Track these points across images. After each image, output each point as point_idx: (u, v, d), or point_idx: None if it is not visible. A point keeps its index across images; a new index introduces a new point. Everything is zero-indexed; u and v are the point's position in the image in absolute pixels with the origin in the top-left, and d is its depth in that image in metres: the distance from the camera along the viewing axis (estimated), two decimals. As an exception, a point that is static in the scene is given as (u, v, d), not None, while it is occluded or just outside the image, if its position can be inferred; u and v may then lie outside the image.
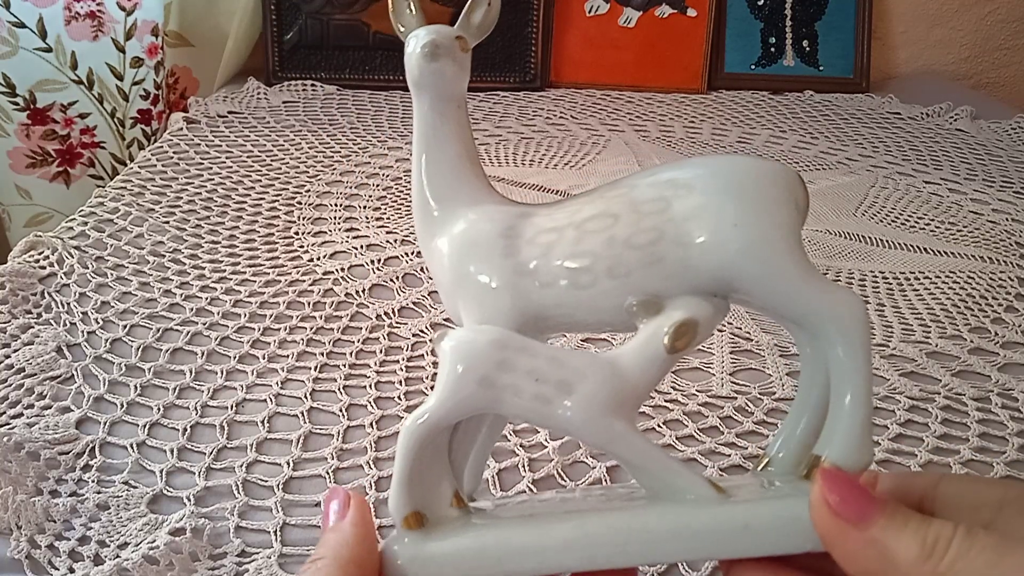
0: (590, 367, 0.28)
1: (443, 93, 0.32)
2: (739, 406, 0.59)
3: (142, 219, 0.83)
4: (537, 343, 0.28)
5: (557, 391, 0.27)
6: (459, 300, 0.31)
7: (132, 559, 0.44)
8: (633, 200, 0.29)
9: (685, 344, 0.28)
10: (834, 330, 0.28)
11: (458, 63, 0.32)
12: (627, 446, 0.28)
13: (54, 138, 1.20)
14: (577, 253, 0.29)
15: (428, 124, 0.32)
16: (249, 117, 1.14)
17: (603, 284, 0.29)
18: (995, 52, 1.53)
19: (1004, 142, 1.16)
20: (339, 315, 0.68)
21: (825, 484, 0.25)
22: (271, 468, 0.52)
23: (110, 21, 1.17)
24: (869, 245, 0.85)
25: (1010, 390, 0.62)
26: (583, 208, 0.30)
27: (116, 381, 0.59)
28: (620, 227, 0.29)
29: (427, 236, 0.32)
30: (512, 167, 1.02)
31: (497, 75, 1.32)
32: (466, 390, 0.27)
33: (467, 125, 0.33)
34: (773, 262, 0.28)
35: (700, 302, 0.28)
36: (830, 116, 1.26)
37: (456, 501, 0.29)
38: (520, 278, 0.29)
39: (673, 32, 1.34)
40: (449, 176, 0.32)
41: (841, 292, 0.28)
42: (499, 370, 0.27)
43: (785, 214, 0.28)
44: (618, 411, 0.27)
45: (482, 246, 0.30)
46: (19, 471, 0.50)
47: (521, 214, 0.31)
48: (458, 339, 0.28)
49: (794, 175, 0.30)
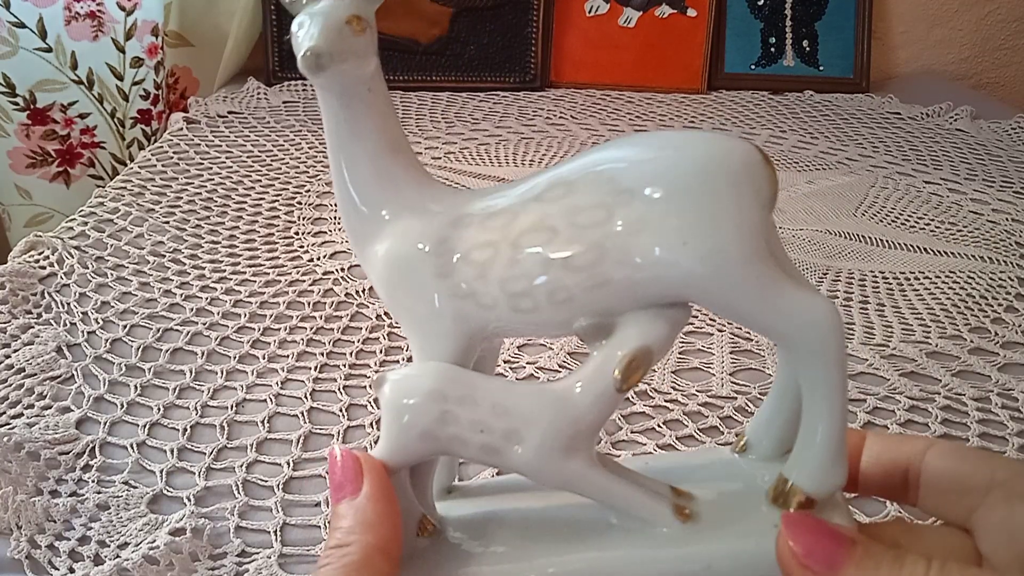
0: (538, 411, 0.26)
1: (345, 87, 0.28)
2: (739, 406, 0.59)
3: (142, 219, 0.83)
4: (481, 387, 0.27)
5: (504, 441, 0.26)
6: (398, 318, 0.29)
7: (132, 559, 0.44)
8: (571, 207, 0.26)
9: (637, 379, 0.26)
10: (802, 348, 0.25)
11: (356, 52, 0.27)
12: (585, 485, 0.27)
13: (54, 138, 1.19)
14: (514, 276, 0.26)
15: (337, 119, 0.29)
16: (249, 117, 1.14)
17: (545, 309, 0.26)
18: (995, 52, 1.53)
19: (1004, 142, 1.16)
20: (339, 315, 0.68)
21: (790, 533, 0.25)
22: (271, 468, 0.52)
23: (110, 21, 1.17)
24: (869, 245, 0.85)
25: (1010, 390, 0.62)
26: (519, 215, 0.27)
27: (116, 381, 0.59)
28: (557, 245, 0.26)
29: (359, 244, 0.29)
30: (512, 167, 1.02)
31: (497, 75, 1.32)
32: (409, 444, 0.27)
33: (384, 108, 0.29)
34: (729, 279, 0.25)
35: (654, 321, 0.26)
36: (830, 116, 1.26)
37: (422, 528, 0.28)
38: (457, 300, 0.27)
39: (673, 32, 1.34)
40: (369, 173, 0.29)
41: (810, 305, 0.25)
42: (440, 424, 0.26)
43: (744, 216, 0.25)
44: (571, 452, 0.26)
45: (414, 269, 0.28)
46: (19, 471, 0.50)
47: (452, 222, 0.28)
48: (394, 391, 0.27)
49: (755, 158, 0.25)
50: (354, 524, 0.25)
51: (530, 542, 0.28)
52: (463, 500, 0.31)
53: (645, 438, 0.56)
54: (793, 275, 0.26)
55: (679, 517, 0.27)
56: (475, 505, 0.31)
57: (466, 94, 1.29)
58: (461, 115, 1.20)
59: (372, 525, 0.25)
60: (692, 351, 0.65)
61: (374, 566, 0.25)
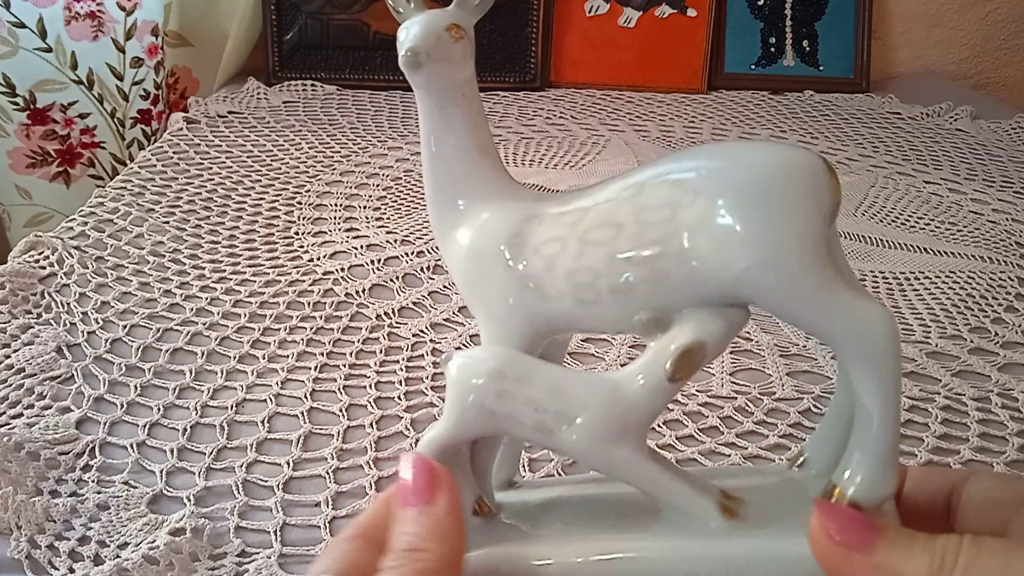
0: (591, 396, 0.27)
1: (442, 89, 0.30)
2: (739, 406, 0.59)
3: (142, 219, 0.83)
4: (540, 370, 0.28)
5: (557, 421, 0.27)
6: (472, 304, 0.31)
7: (132, 559, 0.44)
8: (638, 206, 0.27)
9: (688, 373, 0.26)
10: (857, 354, 0.26)
11: (454, 54, 0.30)
12: (632, 473, 0.28)
13: (54, 138, 1.19)
14: (579, 268, 0.28)
15: (432, 118, 0.31)
16: (249, 117, 1.14)
17: (606, 301, 0.28)
18: (995, 52, 1.53)
19: (1004, 142, 1.16)
20: (339, 315, 0.68)
21: (823, 515, 0.25)
22: (271, 468, 0.52)
23: (110, 21, 1.17)
24: (869, 245, 0.85)
25: (1010, 390, 0.62)
26: (588, 212, 0.28)
27: (116, 381, 0.59)
28: (622, 240, 0.27)
29: (442, 232, 0.32)
30: (512, 167, 1.02)
31: (497, 75, 1.31)
32: (468, 418, 0.28)
33: (477, 114, 0.31)
34: (785, 280, 0.25)
35: (711, 319, 0.27)
36: (830, 116, 1.26)
37: (479, 508, 0.29)
38: (526, 290, 0.29)
39: (673, 32, 1.34)
40: (460, 170, 0.31)
41: (868, 312, 0.25)
42: (498, 400, 0.27)
43: (801, 222, 0.25)
44: (621, 439, 0.27)
45: (489, 262, 0.29)
46: (19, 471, 0.50)
47: (528, 217, 0.29)
48: (460, 367, 0.28)
49: (819, 168, 0.26)
50: (428, 533, 0.25)
51: (575, 528, 0.29)
52: (521, 491, 0.32)
53: (645, 438, 0.56)
54: (852, 284, 0.26)
55: (724, 514, 0.28)
56: (532, 495, 0.32)
57: (466, 94, 1.29)
58: (461, 115, 1.20)
59: (448, 539, 0.25)
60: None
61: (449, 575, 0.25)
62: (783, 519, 0.27)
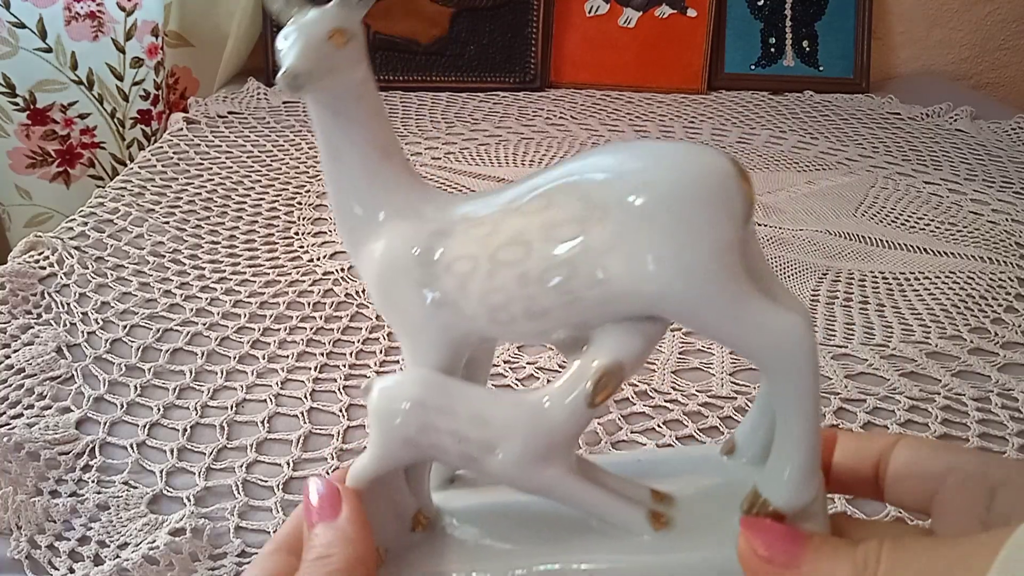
0: (515, 422, 0.27)
1: (333, 98, 0.28)
2: (739, 406, 0.59)
3: (142, 219, 0.83)
4: (460, 397, 0.27)
5: (481, 451, 0.27)
6: (388, 321, 0.30)
7: (132, 559, 0.44)
8: (547, 221, 0.26)
9: (608, 395, 0.26)
10: (773, 366, 0.26)
11: (340, 63, 0.28)
12: (560, 494, 0.28)
13: (54, 138, 1.19)
14: (491, 290, 0.27)
15: (326, 126, 0.29)
16: (249, 117, 1.14)
17: (521, 322, 0.27)
18: (995, 52, 1.53)
19: (1004, 142, 1.16)
20: (339, 315, 0.68)
21: (749, 533, 0.25)
22: (271, 468, 0.52)
23: (110, 21, 1.17)
24: (869, 245, 0.85)
25: (1010, 390, 0.62)
26: (499, 226, 0.27)
27: (116, 381, 0.59)
28: (533, 261, 0.26)
29: (353, 246, 0.30)
30: (512, 167, 1.02)
31: (497, 75, 1.32)
32: (393, 450, 0.28)
33: (375, 114, 0.29)
34: (699, 298, 0.25)
35: (628, 337, 0.26)
36: (830, 116, 1.26)
37: (416, 523, 0.30)
38: (441, 309, 0.28)
39: (673, 32, 1.34)
40: (360, 176, 0.29)
41: (782, 321, 0.25)
42: (421, 433, 0.27)
43: (713, 237, 0.24)
44: (546, 462, 0.27)
45: (402, 277, 0.28)
46: (19, 471, 0.50)
47: (436, 231, 0.28)
48: (379, 400, 0.28)
49: (729, 172, 0.25)
50: (334, 540, 0.27)
51: (511, 543, 0.29)
52: (462, 490, 0.32)
53: (645, 438, 0.56)
54: (774, 289, 0.26)
55: (654, 525, 0.28)
56: (472, 497, 0.32)
57: (466, 94, 1.29)
58: (461, 115, 1.20)
59: (352, 541, 0.27)
60: (692, 351, 0.65)
61: (356, 574, 0.26)
62: (712, 525, 0.28)
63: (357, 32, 0.28)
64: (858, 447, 0.30)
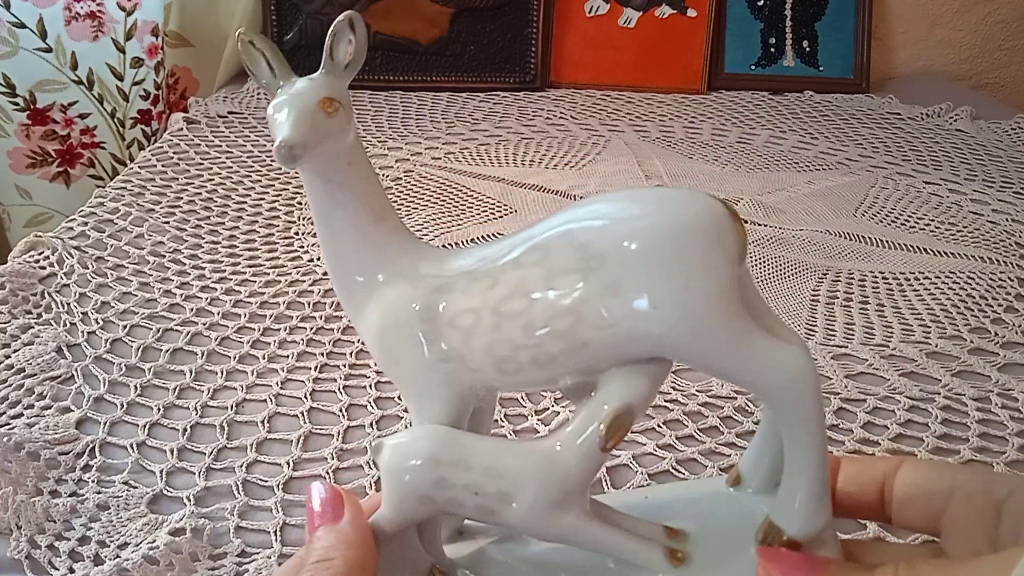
0: (528, 471, 0.27)
1: (325, 166, 0.29)
2: (739, 406, 0.59)
3: (142, 219, 0.83)
4: (473, 450, 0.28)
5: (498, 502, 0.27)
6: (394, 381, 0.30)
7: (132, 559, 0.44)
8: (547, 272, 0.27)
9: (620, 438, 0.27)
10: (777, 400, 0.26)
11: (332, 131, 0.28)
12: (579, 538, 0.28)
13: (54, 138, 1.20)
14: (497, 341, 0.27)
15: (319, 196, 0.30)
16: (249, 117, 1.14)
17: (529, 370, 0.27)
18: (995, 52, 1.53)
19: (1004, 142, 1.16)
20: (339, 315, 0.68)
21: (768, 563, 0.26)
22: (271, 468, 0.52)
23: (110, 21, 1.17)
24: (869, 245, 0.85)
25: (1010, 390, 0.62)
26: (499, 280, 0.28)
27: (116, 381, 0.59)
28: (537, 311, 0.27)
29: (352, 309, 0.31)
30: (512, 167, 1.02)
31: (497, 75, 1.32)
32: (408, 507, 0.28)
33: (366, 178, 0.30)
34: (701, 338, 0.26)
35: (635, 379, 0.27)
36: (830, 116, 1.26)
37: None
38: (446, 364, 0.28)
39: (673, 32, 1.34)
40: (355, 241, 0.30)
41: (783, 358, 0.26)
42: (437, 489, 0.28)
43: (711, 279, 0.25)
44: (563, 508, 0.27)
45: (404, 335, 0.29)
46: (19, 471, 0.50)
47: (436, 287, 0.29)
48: (392, 458, 0.28)
49: (721, 215, 0.26)
50: (335, 543, 0.27)
51: None
52: (473, 542, 0.32)
53: (645, 438, 0.56)
54: (770, 323, 0.27)
55: (672, 562, 0.28)
56: (484, 547, 0.32)
57: (466, 94, 1.29)
58: (461, 115, 1.20)
59: (353, 545, 0.27)
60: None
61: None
62: (728, 558, 0.28)
63: (345, 99, 0.29)
64: (860, 471, 0.30)
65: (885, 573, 0.24)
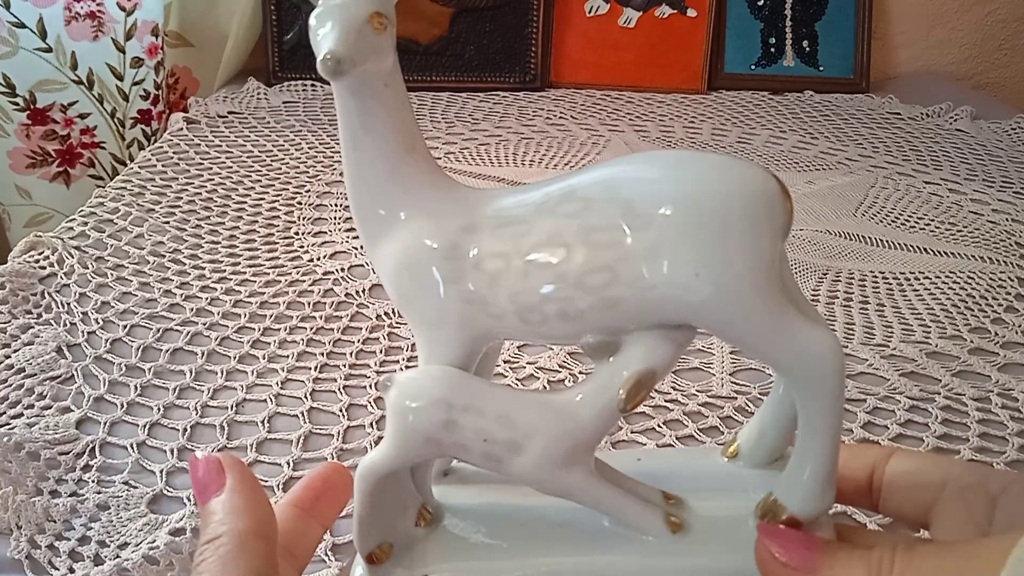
0: (541, 422, 0.27)
1: (363, 85, 0.27)
2: (739, 406, 0.59)
3: (142, 219, 0.83)
4: (486, 395, 0.27)
5: (507, 451, 0.27)
6: (407, 318, 0.29)
7: (132, 559, 0.44)
8: (586, 226, 0.26)
9: (641, 400, 0.26)
10: (804, 379, 0.26)
11: (376, 51, 0.27)
12: (582, 495, 0.28)
13: (54, 138, 1.19)
14: (524, 290, 0.26)
15: (351, 116, 0.28)
16: (249, 117, 1.14)
17: (553, 323, 0.27)
18: (995, 52, 1.53)
19: (1004, 142, 1.16)
20: (339, 315, 0.68)
21: (767, 538, 0.26)
22: (271, 468, 0.52)
23: (110, 21, 1.17)
24: (869, 245, 0.85)
25: (1010, 390, 0.62)
26: (532, 227, 0.27)
27: (116, 381, 0.59)
28: (570, 264, 0.26)
29: (371, 242, 0.29)
30: (512, 167, 1.02)
31: (497, 75, 1.32)
32: (412, 447, 0.27)
33: (401, 104, 0.28)
34: (739, 312, 0.25)
35: (660, 343, 0.26)
36: (830, 116, 1.26)
37: (421, 519, 0.29)
38: (467, 305, 0.27)
39: (673, 32, 1.34)
40: (383, 171, 0.28)
41: (815, 338, 0.25)
42: (445, 431, 0.27)
43: (757, 250, 0.25)
44: (571, 463, 0.27)
45: (424, 272, 0.27)
46: (19, 471, 0.50)
47: (465, 227, 0.27)
48: (400, 395, 0.27)
49: (773, 188, 0.25)
50: (224, 515, 0.26)
51: (523, 540, 0.29)
52: (460, 485, 0.31)
53: (645, 438, 0.56)
54: (801, 306, 0.26)
55: (670, 527, 0.28)
56: (471, 492, 0.31)
57: (466, 94, 1.29)
58: (461, 115, 1.20)
59: (241, 512, 0.26)
60: (692, 351, 0.65)
61: (250, 549, 0.25)
62: (726, 531, 0.28)
63: (392, 19, 0.27)
64: (851, 456, 0.30)
65: (883, 552, 0.24)
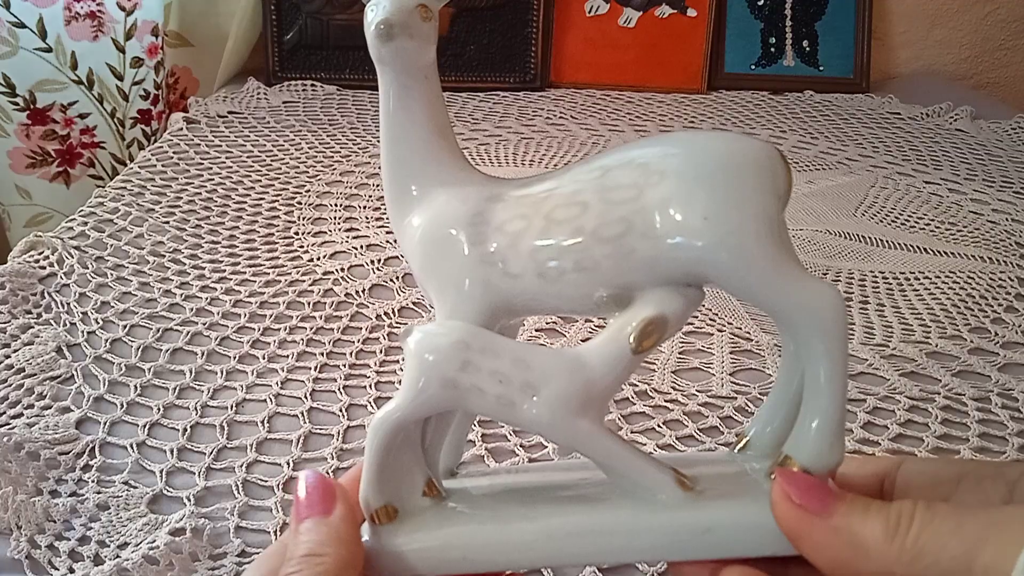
0: (555, 367, 0.27)
1: (406, 67, 0.30)
2: (739, 406, 0.59)
3: (142, 219, 0.83)
4: (502, 342, 0.28)
5: (521, 393, 0.27)
6: (428, 285, 0.30)
7: (132, 559, 0.44)
8: (604, 186, 0.28)
9: (652, 343, 0.27)
10: (808, 327, 0.27)
11: (421, 35, 0.30)
12: (593, 446, 0.28)
13: (54, 138, 1.19)
14: (544, 245, 0.28)
15: (393, 99, 0.31)
16: (249, 117, 1.14)
17: (571, 277, 0.28)
18: (995, 52, 1.53)
19: (1004, 142, 1.16)
20: (339, 315, 0.68)
21: (785, 481, 0.26)
22: (271, 468, 0.52)
23: (110, 21, 1.17)
24: (869, 245, 0.85)
25: (1010, 390, 0.62)
26: (553, 192, 0.29)
27: (116, 381, 0.59)
28: (588, 217, 0.28)
29: (399, 216, 0.32)
30: (512, 167, 1.02)
31: (497, 75, 1.31)
32: (430, 391, 0.27)
33: (437, 97, 0.31)
34: (745, 257, 0.26)
35: (671, 295, 0.28)
36: (830, 116, 1.26)
37: (428, 489, 0.29)
38: (487, 267, 0.29)
39: (673, 32, 1.34)
40: (418, 154, 0.31)
41: (818, 288, 0.27)
42: (462, 372, 0.27)
43: (761, 203, 0.27)
44: (584, 411, 0.27)
45: (448, 238, 0.29)
46: (19, 471, 0.50)
47: (490, 197, 0.30)
48: (421, 339, 0.28)
49: (775, 156, 0.28)
50: (326, 539, 0.26)
51: (530, 507, 0.29)
52: (466, 480, 0.32)
53: (645, 438, 0.56)
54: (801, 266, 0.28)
55: (680, 487, 0.28)
56: (477, 484, 0.31)
57: (466, 94, 1.29)
58: (461, 115, 1.20)
59: (345, 542, 0.26)
60: (692, 351, 0.65)
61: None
62: (738, 492, 0.28)
63: (436, 16, 0.30)
64: (862, 463, 0.30)
65: (903, 507, 0.24)
